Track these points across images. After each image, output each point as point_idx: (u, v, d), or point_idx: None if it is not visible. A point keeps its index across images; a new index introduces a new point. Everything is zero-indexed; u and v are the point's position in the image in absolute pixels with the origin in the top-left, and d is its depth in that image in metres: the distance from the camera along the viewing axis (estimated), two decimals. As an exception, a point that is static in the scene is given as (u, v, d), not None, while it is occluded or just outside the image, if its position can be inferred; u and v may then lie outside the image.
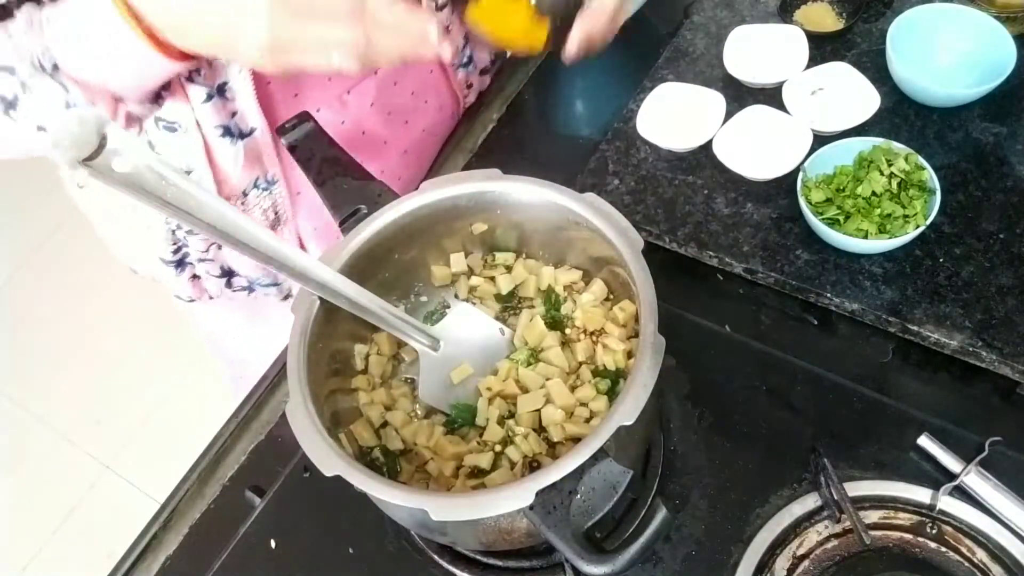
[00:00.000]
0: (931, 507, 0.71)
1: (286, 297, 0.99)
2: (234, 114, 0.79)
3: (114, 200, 0.91)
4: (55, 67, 0.66)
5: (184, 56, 0.64)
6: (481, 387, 0.71)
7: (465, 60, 1.03)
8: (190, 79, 0.75)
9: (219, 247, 0.92)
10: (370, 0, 0.59)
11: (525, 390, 0.70)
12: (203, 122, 0.78)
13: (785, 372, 0.81)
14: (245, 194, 0.86)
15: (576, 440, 0.66)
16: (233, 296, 0.99)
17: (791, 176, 0.88)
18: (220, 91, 0.77)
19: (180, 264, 0.94)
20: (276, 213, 0.90)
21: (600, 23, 0.71)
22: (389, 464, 0.69)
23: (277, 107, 0.83)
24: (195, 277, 0.96)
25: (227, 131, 0.79)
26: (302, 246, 0.94)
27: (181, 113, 0.77)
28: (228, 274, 0.95)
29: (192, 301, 0.99)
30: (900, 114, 0.93)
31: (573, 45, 0.71)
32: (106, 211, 0.96)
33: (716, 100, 0.95)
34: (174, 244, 0.92)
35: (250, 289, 0.98)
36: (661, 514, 0.55)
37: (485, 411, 0.69)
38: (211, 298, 0.99)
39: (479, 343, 0.73)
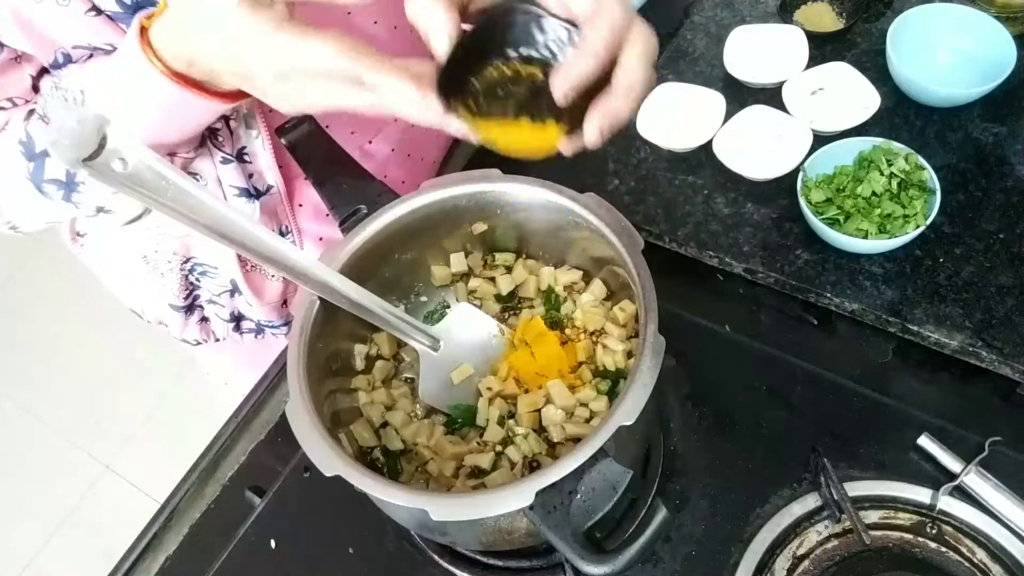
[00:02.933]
0: (931, 507, 0.71)
1: None
2: (251, 176, 0.80)
3: (122, 251, 0.90)
4: None
5: (224, 95, 0.62)
6: (481, 387, 0.71)
7: None
8: (213, 141, 0.76)
9: (231, 294, 0.92)
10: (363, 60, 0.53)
11: (525, 390, 0.70)
12: (223, 179, 0.78)
13: (785, 372, 0.81)
14: None
15: (576, 440, 0.66)
16: (240, 339, 0.98)
17: (791, 176, 0.88)
18: (239, 156, 0.78)
19: (190, 309, 0.94)
20: None
21: (625, 108, 0.56)
22: (390, 464, 0.69)
23: (294, 163, 0.82)
24: (203, 320, 0.96)
25: (244, 192, 0.79)
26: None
27: (204, 167, 0.77)
28: (237, 319, 0.95)
29: (199, 344, 0.99)
30: (900, 114, 0.93)
31: (594, 134, 0.57)
32: (112, 261, 0.95)
33: (716, 100, 0.95)
34: (187, 289, 0.92)
35: (259, 331, 0.97)
36: (661, 514, 0.55)
37: (485, 411, 0.69)
38: (217, 340, 0.98)
39: (479, 343, 0.73)
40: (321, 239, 0.91)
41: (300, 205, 0.87)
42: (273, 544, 0.80)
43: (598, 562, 0.54)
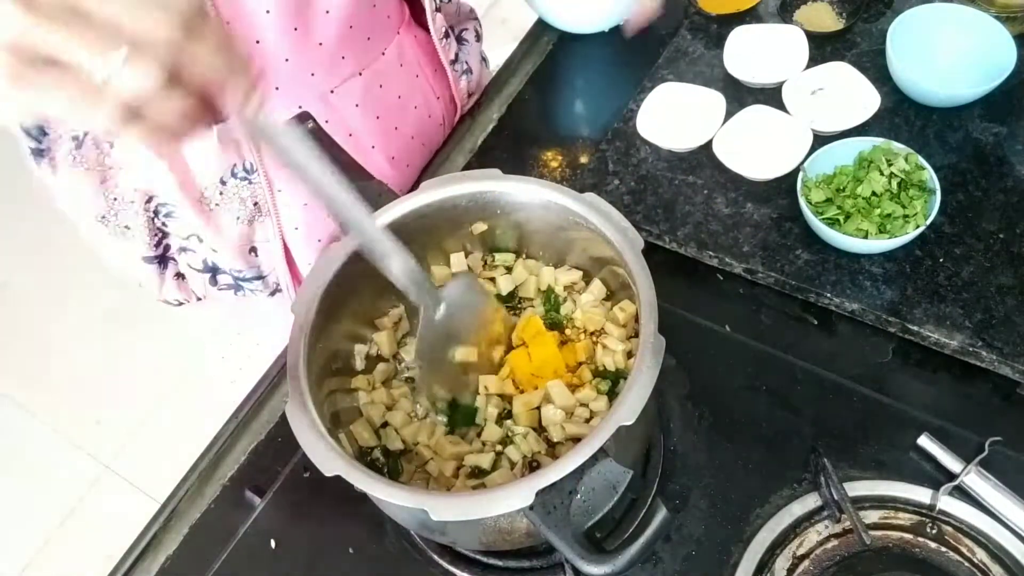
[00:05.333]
0: (931, 507, 0.71)
1: (273, 293, 0.99)
2: None
3: (95, 204, 0.90)
4: None
5: None
6: (481, 387, 0.71)
7: (465, 67, 1.03)
8: None
9: (200, 239, 0.91)
10: None
11: (521, 391, 0.70)
12: None
13: (785, 372, 0.81)
14: (224, 182, 0.85)
15: (576, 440, 0.66)
16: (220, 297, 0.98)
17: (791, 176, 0.88)
18: None
19: (163, 260, 0.93)
20: (256, 204, 0.89)
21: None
22: (390, 464, 0.69)
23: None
24: (180, 276, 0.96)
25: None
26: (284, 244, 0.94)
27: None
28: (212, 270, 0.95)
29: (180, 304, 0.99)
30: (900, 114, 0.93)
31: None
32: (90, 216, 0.95)
33: (716, 100, 0.95)
34: (155, 235, 0.91)
35: (237, 287, 0.97)
36: (661, 514, 0.56)
37: (484, 410, 0.69)
38: (199, 299, 0.98)
39: (475, 311, 0.72)
40: (281, 191, 0.90)
41: (279, 191, 0.86)
42: (273, 544, 0.80)
43: (598, 562, 0.54)
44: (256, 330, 1.03)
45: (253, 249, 0.93)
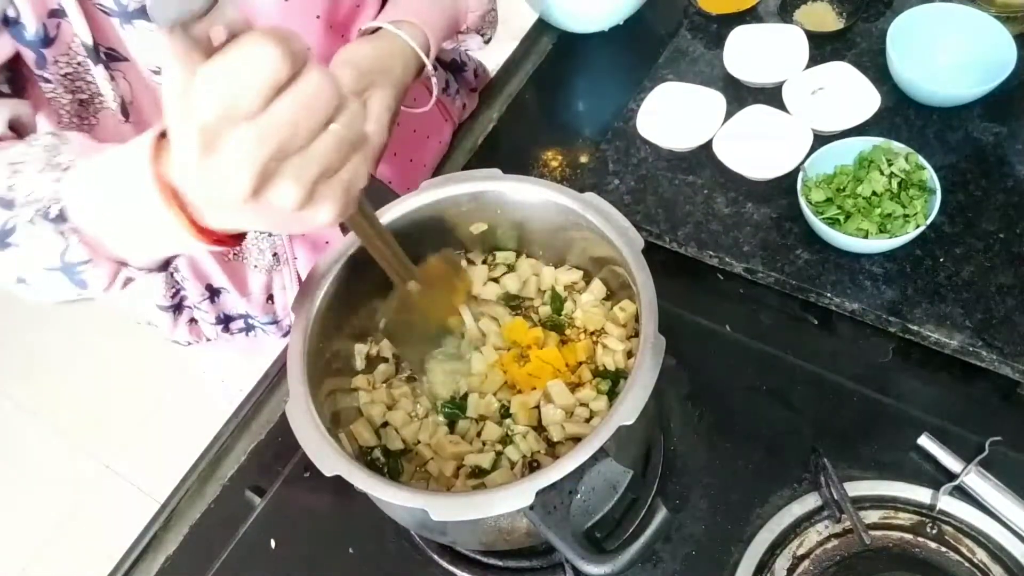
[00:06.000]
0: (931, 507, 0.71)
1: (286, 334, 0.98)
2: None
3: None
4: (60, 216, 0.57)
5: (221, 239, 0.52)
6: (472, 383, 0.71)
7: (455, 90, 1.03)
8: None
9: (211, 300, 0.92)
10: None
11: (519, 391, 0.70)
12: None
13: (785, 372, 0.81)
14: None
15: (576, 440, 0.66)
16: (231, 338, 0.98)
17: (791, 176, 0.88)
18: None
19: (178, 308, 0.94)
20: (275, 255, 0.90)
21: None
22: (390, 464, 0.69)
23: None
24: (192, 321, 0.96)
25: None
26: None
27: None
28: (224, 320, 0.95)
29: (189, 344, 0.99)
30: (900, 114, 0.93)
31: None
32: None
33: (716, 100, 0.95)
34: (172, 288, 0.91)
35: (249, 328, 0.97)
36: (661, 514, 0.56)
37: (476, 406, 0.70)
38: (209, 340, 0.98)
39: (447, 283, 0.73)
40: (303, 235, 0.90)
41: (302, 235, 0.87)
42: (273, 544, 0.80)
43: (598, 562, 0.54)
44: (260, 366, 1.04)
45: (270, 297, 0.94)
